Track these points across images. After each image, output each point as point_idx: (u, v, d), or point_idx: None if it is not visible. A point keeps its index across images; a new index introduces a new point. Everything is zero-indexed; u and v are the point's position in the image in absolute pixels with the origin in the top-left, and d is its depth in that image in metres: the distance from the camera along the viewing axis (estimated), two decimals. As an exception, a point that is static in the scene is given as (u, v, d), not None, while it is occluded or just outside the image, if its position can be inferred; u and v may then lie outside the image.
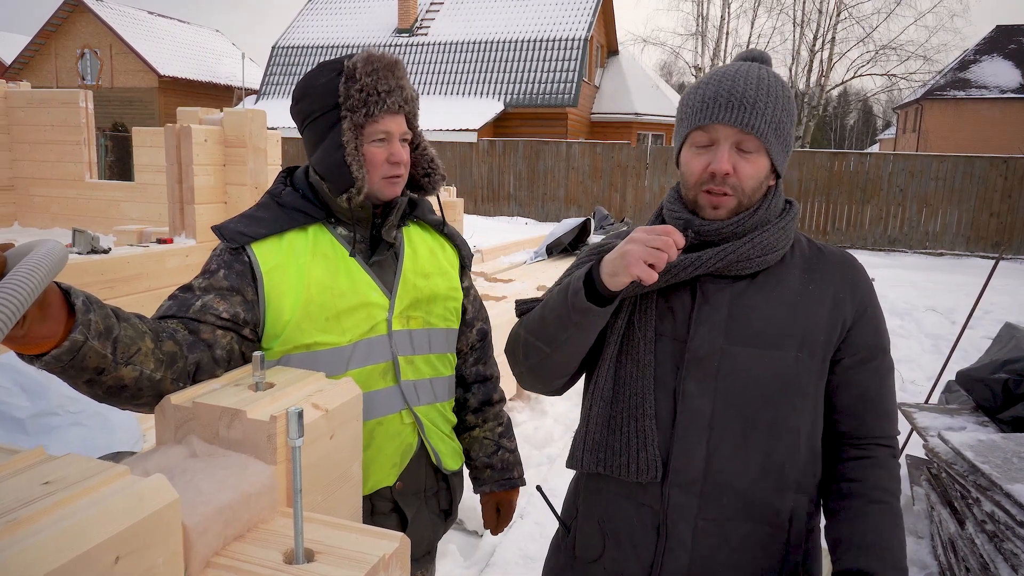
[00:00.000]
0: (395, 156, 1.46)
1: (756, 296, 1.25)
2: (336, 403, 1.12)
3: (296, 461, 0.87)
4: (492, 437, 1.75)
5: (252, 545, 0.92)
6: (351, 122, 1.43)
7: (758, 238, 1.23)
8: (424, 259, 1.58)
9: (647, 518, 1.28)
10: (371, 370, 1.46)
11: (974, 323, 7.50)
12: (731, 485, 1.23)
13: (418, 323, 1.54)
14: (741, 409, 1.23)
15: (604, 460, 1.29)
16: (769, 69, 1.27)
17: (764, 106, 1.20)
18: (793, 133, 1.27)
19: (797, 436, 1.24)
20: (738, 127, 1.19)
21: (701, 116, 1.22)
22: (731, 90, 1.20)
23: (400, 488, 1.51)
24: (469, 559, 3.01)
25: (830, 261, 1.31)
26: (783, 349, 1.22)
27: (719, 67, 1.29)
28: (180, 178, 4.81)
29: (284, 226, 1.44)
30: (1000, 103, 30.06)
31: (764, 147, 1.21)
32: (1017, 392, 3.12)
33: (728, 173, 1.20)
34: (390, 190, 1.49)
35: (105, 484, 0.78)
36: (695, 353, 1.23)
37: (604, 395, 1.29)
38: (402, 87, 1.46)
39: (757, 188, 1.24)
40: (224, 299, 1.35)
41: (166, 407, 1.07)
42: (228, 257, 1.40)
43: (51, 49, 27.86)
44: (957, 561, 2.56)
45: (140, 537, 0.76)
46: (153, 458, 0.98)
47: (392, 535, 0.95)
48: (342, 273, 1.45)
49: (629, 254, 1.12)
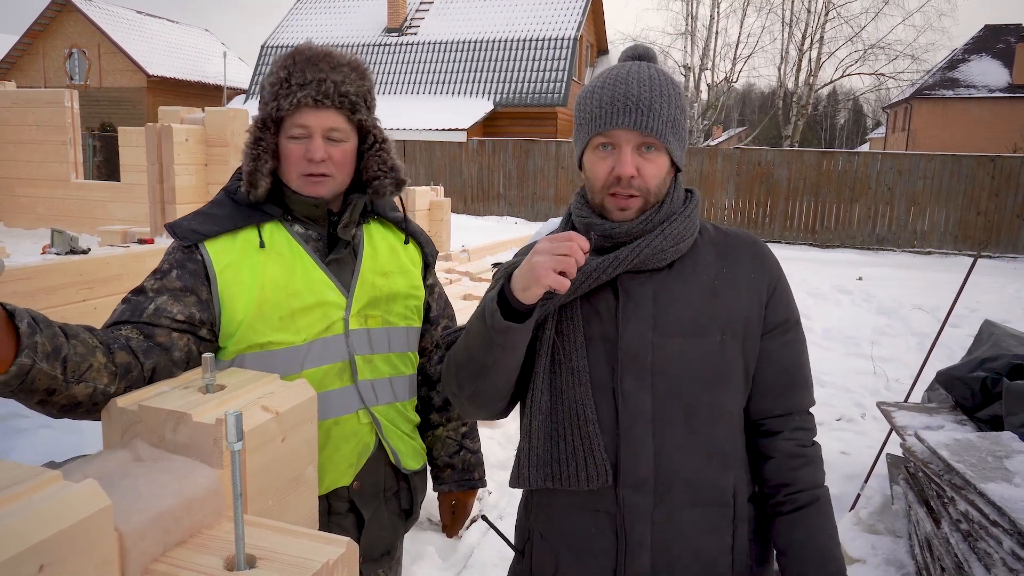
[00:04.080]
0: (310, 153, 1.40)
1: (677, 285, 1.27)
2: (288, 405, 1.11)
3: (235, 465, 0.85)
4: (455, 437, 1.73)
5: (193, 551, 0.90)
6: (264, 115, 1.42)
7: (668, 229, 1.25)
8: (384, 257, 1.55)
9: (604, 524, 1.28)
10: (327, 370, 1.44)
11: (960, 321, 7.53)
12: (681, 475, 1.25)
13: (376, 322, 1.52)
14: (681, 399, 1.24)
15: (551, 473, 1.28)
16: (657, 67, 1.29)
17: (660, 107, 1.22)
18: (687, 126, 1.31)
19: (733, 417, 1.29)
20: (638, 131, 1.22)
21: (600, 122, 1.23)
22: (626, 94, 1.22)
23: (357, 488, 1.49)
24: (447, 560, 2.99)
25: (738, 244, 1.34)
26: (709, 335, 1.25)
27: (610, 69, 1.30)
28: (161, 178, 4.78)
29: (238, 223, 1.41)
30: (988, 102, 30.24)
31: (664, 146, 1.24)
32: (995, 390, 3.12)
33: (633, 176, 1.23)
34: (311, 189, 1.43)
35: (33, 491, 0.76)
36: (627, 351, 1.24)
37: (542, 408, 1.28)
38: (323, 80, 1.39)
39: (661, 186, 1.27)
40: (178, 300, 1.33)
41: (112, 410, 1.06)
42: (180, 256, 1.37)
43: (39, 49, 27.65)
44: (933, 560, 2.57)
45: (67, 545, 0.74)
46: (95, 463, 0.96)
47: (339, 540, 0.94)
48: (298, 272, 1.43)
49: (537, 266, 1.12)
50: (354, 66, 1.46)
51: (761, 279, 1.31)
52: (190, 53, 29.65)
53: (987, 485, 2.30)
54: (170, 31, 30.41)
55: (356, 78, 1.45)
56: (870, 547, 2.91)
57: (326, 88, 1.39)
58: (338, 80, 1.41)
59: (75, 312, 4.16)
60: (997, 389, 3.10)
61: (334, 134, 1.42)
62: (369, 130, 1.50)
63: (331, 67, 1.41)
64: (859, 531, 3.05)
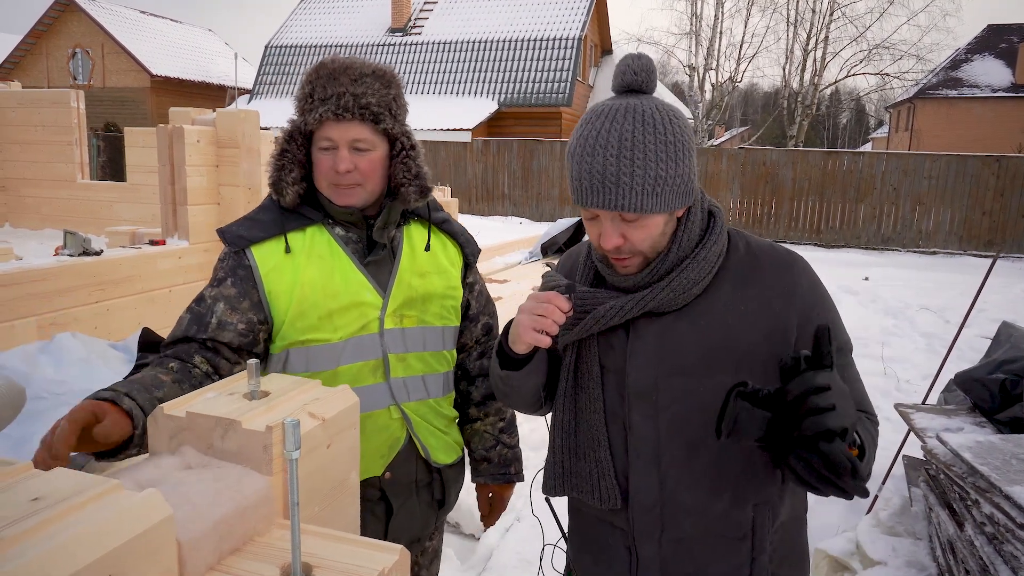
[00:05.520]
0: (337, 164, 1.47)
1: (684, 327, 1.24)
2: (333, 411, 1.10)
3: (293, 474, 0.85)
4: (492, 432, 1.78)
5: (248, 559, 0.90)
6: (292, 128, 1.51)
7: (676, 280, 1.22)
8: (422, 258, 1.61)
9: (619, 539, 1.33)
10: (361, 366, 1.52)
11: (968, 321, 7.50)
12: (687, 506, 1.26)
13: (412, 321, 1.58)
14: (685, 436, 1.24)
15: (576, 485, 1.34)
16: (639, 110, 1.16)
17: (631, 178, 1.14)
18: (684, 167, 1.18)
19: (748, 452, 1.21)
20: (609, 210, 1.17)
21: (577, 197, 1.22)
22: (592, 171, 1.16)
23: (389, 478, 1.56)
24: (466, 562, 2.99)
25: (764, 269, 1.26)
26: (718, 375, 1.21)
27: (589, 122, 1.19)
28: (172, 179, 4.77)
29: (283, 228, 1.49)
30: (991, 102, 30.19)
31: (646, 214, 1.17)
32: (1014, 392, 3.11)
33: (619, 245, 1.21)
34: (340, 198, 1.50)
35: (96, 500, 0.75)
36: (634, 387, 1.26)
37: (566, 427, 1.34)
38: (342, 94, 1.44)
39: (657, 242, 1.22)
40: (235, 309, 1.44)
41: (159, 417, 1.05)
42: (232, 262, 1.48)
43: (42, 49, 27.67)
44: (956, 563, 2.55)
45: (133, 555, 0.73)
46: (145, 470, 0.96)
47: (392, 547, 0.93)
48: (337, 273, 1.50)
49: (519, 324, 1.21)
50: (378, 75, 1.50)
51: (787, 309, 1.23)
52: (194, 53, 29.67)
53: (1013, 488, 2.29)
54: (174, 31, 30.43)
55: (380, 88, 1.49)
56: (891, 549, 2.90)
57: (345, 102, 1.45)
58: (359, 92, 1.46)
59: (88, 313, 4.16)
60: (1016, 391, 3.09)
61: (359, 144, 1.48)
62: (397, 137, 1.54)
63: (352, 80, 1.46)
64: (879, 533, 3.04)
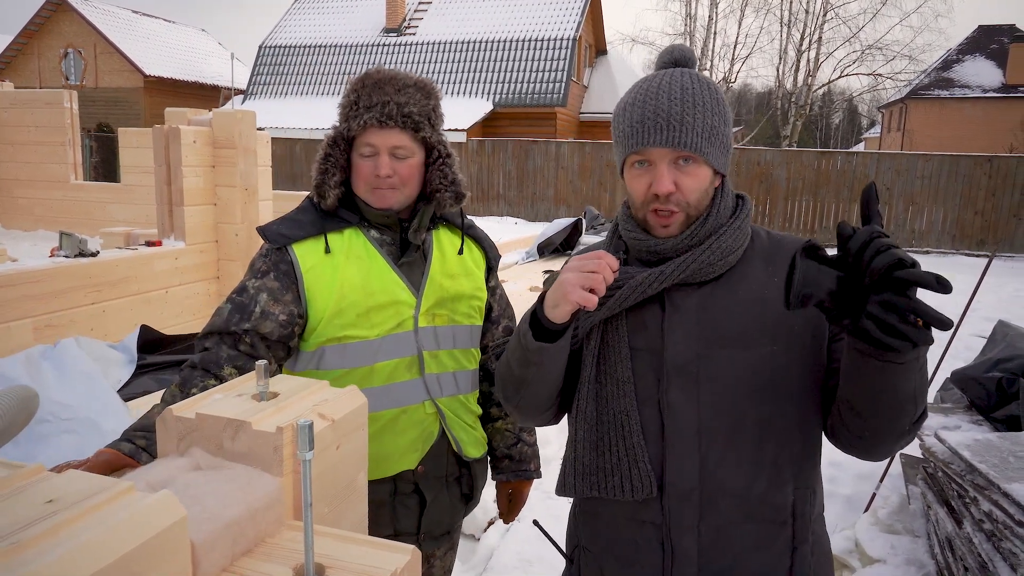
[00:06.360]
0: (378, 169, 1.54)
1: (723, 297, 1.24)
2: (342, 412, 1.10)
3: (306, 475, 0.85)
4: (513, 430, 1.85)
5: (260, 561, 0.90)
6: (336, 134, 1.58)
7: (715, 244, 1.22)
8: (451, 261, 1.68)
9: (650, 535, 1.26)
10: (397, 363, 1.58)
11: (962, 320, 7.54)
12: (727, 489, 1.22)
13: (443, 320, 1.64)
14: (727, 412, 1.22)
15: (597, 483, 1.27)
16: (693, 73, 1.25)
17: (693, 119, 1.19)
18: (729, 131, 1.26)
19: (788, 431, 1.22)
20: (671, 147, 1.19)
21: (634, 141, 1.22)
22: (656, 110, 1.20)
23: (422, 472, 1.62)
24: (467, 563, 2.99)
25: (788, 249, 1.29)
26: (757, 346, 1.21)
27: (644, 80, 1.26)
28: (169, 180, 4.76)
29: (323, 229, 1.56)
30: (982, 102, 30.38)
31: (701, 158, 1.21)
32: (1010, 391, 3.13)
33: (672, 191, 1.20)
34: (378, 201, 1.57)
35: (110, 502, 0.75)
36: (673, 362, 1.23)
37: (588, 417, 1.28)
38: (387, 102, 1.53)
39: (703, 197, 1.24)
40: (278, 301, 1.50)
41: (168, 418, 1.05)
42: (275, 257, 1.54)
43: (34, 49, 27.52)
44: (955, 560, 2.57)
45: (148, 557, 0.73)
46: (155, 471, 0.96)
47: (403, 548, 0.93)
48: (374, 273, 1.57)
49: (565, 283, 1.13)
50: (420, 87, 1.61)
51: None
52: (187, 53, 29.56)
53: (1011, 485, 2.31)
54: (167, 31, 30.31)
55: (421, 98, 1.59)
56: (890, 547, 2.92)
57: (389, 110, 1.54)
58: (402, 102, 1.55)
59: (84, 315, 4.14)
60: (1013, 389, 3.12)
61: (399, 151, 1.56)
62: (434, 146, 1.63)
63: (396, 90, 1.56)
64: (878, 531, 3.05)
